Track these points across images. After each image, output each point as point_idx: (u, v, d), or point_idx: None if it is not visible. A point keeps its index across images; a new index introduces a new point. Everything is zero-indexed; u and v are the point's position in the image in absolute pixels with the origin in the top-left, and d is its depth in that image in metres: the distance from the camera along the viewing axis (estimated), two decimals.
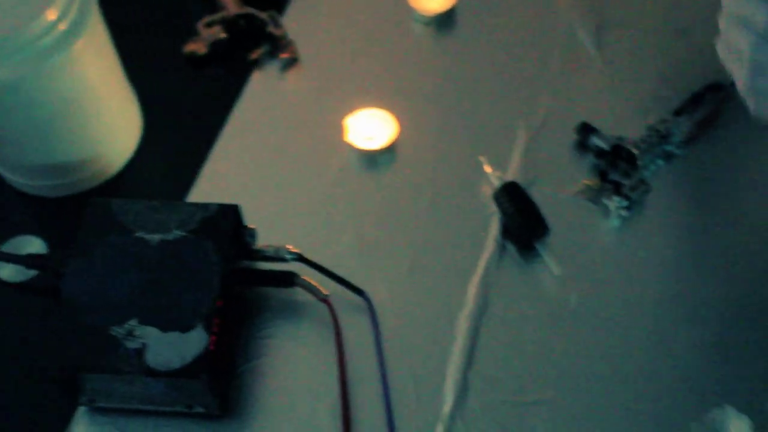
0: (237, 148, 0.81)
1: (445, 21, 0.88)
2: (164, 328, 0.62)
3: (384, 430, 0.65)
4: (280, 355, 0.69)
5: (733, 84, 0.80)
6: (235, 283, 0.67)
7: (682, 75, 0.83)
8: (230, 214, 0.67)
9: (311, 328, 0.70)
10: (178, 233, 0.66)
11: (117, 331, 0.62)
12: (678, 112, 0.79)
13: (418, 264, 0.73)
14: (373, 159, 0.79)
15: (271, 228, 0.73)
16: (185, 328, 0.62)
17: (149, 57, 0.86)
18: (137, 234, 0.66)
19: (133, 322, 0.62)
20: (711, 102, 0.80)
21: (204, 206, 0.68)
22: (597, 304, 0.71)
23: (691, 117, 0.79)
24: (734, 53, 0.67)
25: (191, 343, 0.61)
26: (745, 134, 0.79)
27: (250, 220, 0.70)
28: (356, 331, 0.69)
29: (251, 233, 0.69)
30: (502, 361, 0.68)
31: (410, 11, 0.88)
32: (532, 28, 0.88)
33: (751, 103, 0.68)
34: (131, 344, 0.61)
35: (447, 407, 0.66)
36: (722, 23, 0.69)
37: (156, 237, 0.66)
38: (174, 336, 0.62)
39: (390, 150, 0.79)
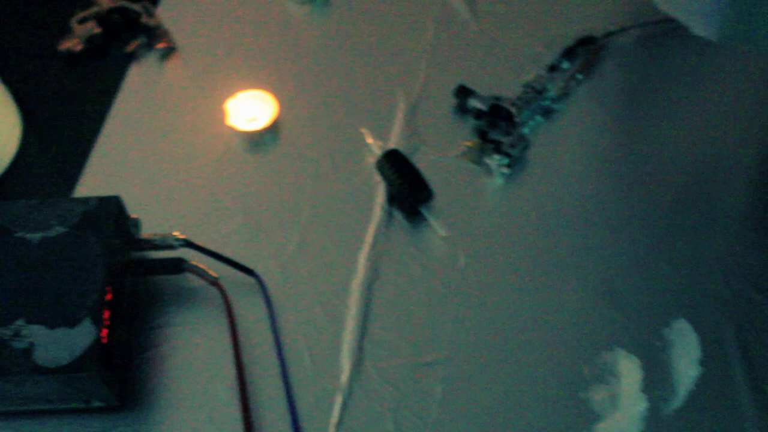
0: (120, 140, 0.80)
1: None
2: (51, 325, 0.62)
3: (284, 406, 0.65)
4: (175, 342, 0.69)
5: (605, 35, 0.82)
6: (123, 275, 0.67)
7: (554, 31, 0.84)
8: (111, 206, 0.67)
9: (205, 313, 0.70)
10: (59, 230, 0.66)
11: (3, 332, 0.61)
12: (552, 68, 0.81)
13: (308, 239, 0.74)
14: (256, 140, 0.79)
15: (160, 217, 0.73)
16: (72, 323, 0.61)
17: (23, 57, 0.85)
18: (17, 234, 0.65)
19: (19, 323, 0.62)
20: (583, 55, 0.82)
21: (84, 200, 0.67)
22: (485, 262, 0.72)
23: (564, 72, 0.81)
24: None
25: (80, 337, 0.61)
26: (618, 85, 0.81)
27: (137, 210, 0.70)
28: (250, 311, 0.70)
29: (135, 223, 0.69)
30: (396, 326, 0.69)
31: None
32: None
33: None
34: (18, 344, 0.61)
35: (344, 376, 0.67)
36: None
37: (37, 235, 0.65)
38: (62, 332, 0.61)
39: (272, 130, 0.79)
